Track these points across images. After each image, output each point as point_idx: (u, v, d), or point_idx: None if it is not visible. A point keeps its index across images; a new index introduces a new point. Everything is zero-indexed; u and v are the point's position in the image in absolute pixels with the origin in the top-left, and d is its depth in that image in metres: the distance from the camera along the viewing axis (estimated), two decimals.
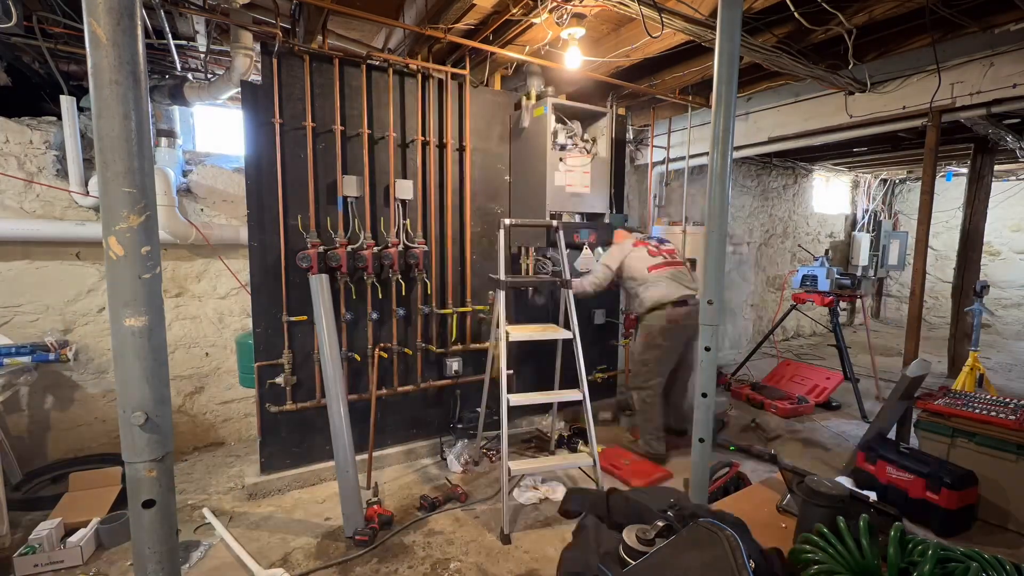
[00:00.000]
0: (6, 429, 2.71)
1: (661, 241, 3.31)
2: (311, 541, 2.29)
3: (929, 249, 3.46)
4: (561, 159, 3.09)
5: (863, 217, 7.58)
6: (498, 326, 2.57)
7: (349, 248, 2.72)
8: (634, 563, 0.89)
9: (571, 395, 2.60)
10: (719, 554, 0.81)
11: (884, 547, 0.92)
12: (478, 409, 3.31)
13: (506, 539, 2.28)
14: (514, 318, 3.36)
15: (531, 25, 2.65)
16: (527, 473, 2.72)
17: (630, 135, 4.71)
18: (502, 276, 2.56)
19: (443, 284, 3.15)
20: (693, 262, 3.87)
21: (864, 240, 7.25)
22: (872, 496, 1.31)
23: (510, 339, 2.53)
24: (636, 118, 4.81)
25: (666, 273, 3.10)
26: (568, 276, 2.74)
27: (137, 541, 0.97)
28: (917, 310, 3.21)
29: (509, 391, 2.47)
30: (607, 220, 3.41)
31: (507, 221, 2.59)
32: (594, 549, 0.95)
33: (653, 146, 4.63)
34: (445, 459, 3.06)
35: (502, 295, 2.55)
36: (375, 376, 2.85)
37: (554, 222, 2.77)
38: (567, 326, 2.70)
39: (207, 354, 3.33)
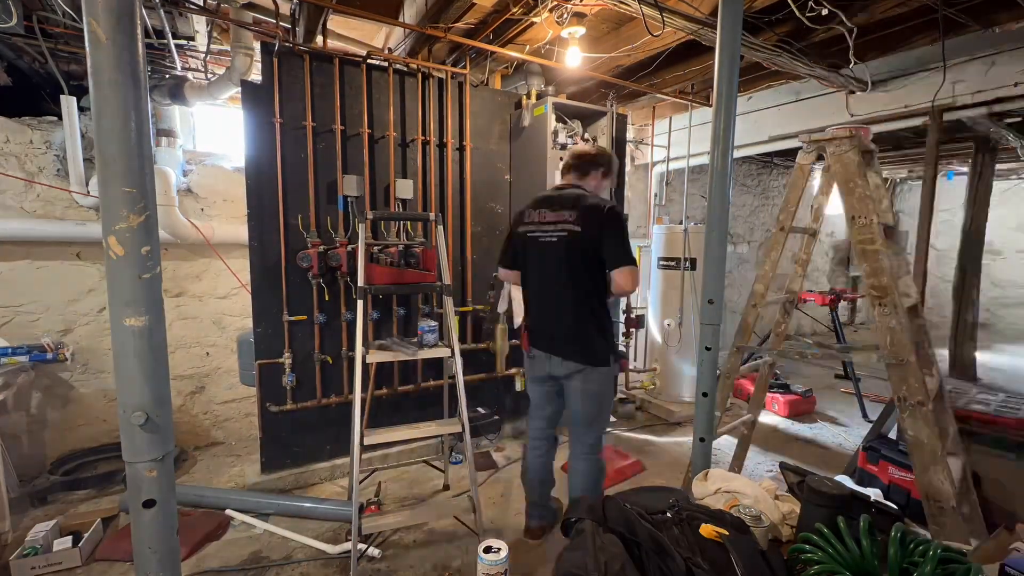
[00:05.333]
0: (3, 429, 2.71)
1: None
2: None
3: (930, 248, 3.46)
4: (561, 158, 3.09)
5: None
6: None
7: (349, 248, 2.72)
8: None
9: (447, 428, 2.22)
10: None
11: (885, 547, 0.92)
12: (479, 409, 3.32)
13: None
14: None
15: (531, 24, 2.65)
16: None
17: (630, 134, 4.71)
18: (361, 281, 2.13)
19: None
20: (693, 261, 3.86)
21: None
22: (872, 495, 1.31)
23: (367, 361, 2.10)
24: (636, 117, 4.81)
25: None
26: (448, 280, 2.28)
27: (137, 541, 0.97)
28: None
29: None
30: None
31: (370, 214, 2.22)
32: (591, 551, 0.95)
33: (653, 145, 4.63)
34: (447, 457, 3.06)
35: (360, 305, 2.09)
36: (373, 375, 2.85)
37: (431, 214, 2.33)
38: (449, 341, 2.24)
39: (207, 354, 3.34)
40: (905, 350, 1.64)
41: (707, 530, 0.98)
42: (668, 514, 1.07)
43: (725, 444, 3.42)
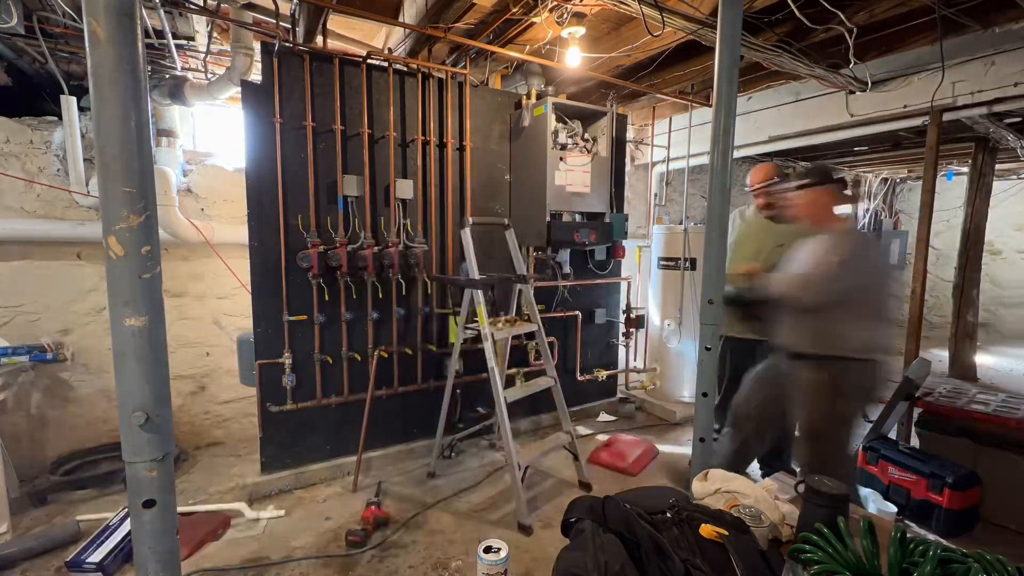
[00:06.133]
0: (3, 429, 2.71)
1: None
2: (311, 541, 2.29)
3: (930, 248, 3.46)
4: (561, 158, 3.09)
5: (864, 216, 7.56)
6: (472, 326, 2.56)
7: (349, 248, 2.72)
8: None
9: (546, 383, 2.74)
10: None
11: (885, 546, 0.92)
12: (479, 409, 3.32)
13: (527, 530, 2.33)
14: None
15: (531, 24, 2.65)
16: (531, 463, 2.68)
17: (630, 134, 4.71)
18: (475, 275, 2.52)
19: (443, 284, 3.15)
20: (693, 261, 3.86)
21: None
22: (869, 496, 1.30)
23: (496, 337, 2.52)
24: (636, 117, 4.81)
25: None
26: (524, 271, 2.76)
27: (137, 541, 0.97)
28: (918, 310, 3.20)
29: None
30: (607, 220, 3.40)
31: (470, 219, 2.58)
32: (591, 551, 0.95)
33: (653, 145, 4.63)
34: (448, 457, 3.06)
35: (480, 295, 2.50)
36: (373, 376, 2.84)
37: (505, 220, 2.77)
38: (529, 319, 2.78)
39: (207, 354, 3.33)
40: None
41: (707, 530, 0.98)
42: (668, 514, 1.07)
43: None
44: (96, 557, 2.01)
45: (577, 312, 3.67)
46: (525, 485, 2.44)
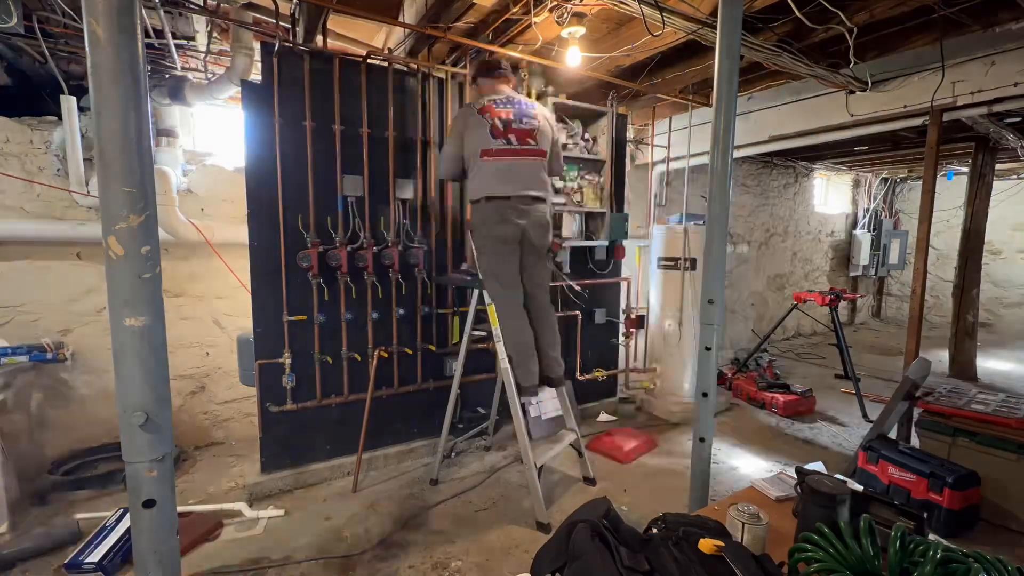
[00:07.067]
0: (3, 429, 2.71)
1: (522, 113, 2.45)
2: (311, 541, 2.29)
3: (930, 248, 3.46)
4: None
5: (864, 216, 7.57)
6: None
7: (349, 248, 2.72)
8: None
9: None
10: None
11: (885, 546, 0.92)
12: (479, 409, 3.32)
13: (546, 527, 2.34)
14: None
15: (531, 24, 2.65)
16: (547, 462, 2.64)
17: (630, 134, 4.71)
18: (482, 273, 2.54)
19: (443, 284, 3.15)
20: (693, 261, 3.86)
21: (865, 239, 7.24)
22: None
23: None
24: (636, 117, 4.80)
25: (501, 165, 2.39)
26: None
27: (137, 541, 0.97)
28: (918, 309, 3.20)
29: None
30: (607, 219, 3.40)
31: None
32: (565, 546, 0.94)
33: (653, 145, 4.63)
34: (448, 456, 3.06)
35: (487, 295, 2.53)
36: (373, 376, 2.85)
37: None
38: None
39: (207, 354, 3.33)
40: None
41: (707, 545, 0.95)
42: (655, 530, 1.04)
43: (724, 444, 3.42)
44: (95, 557, 2.01)
45: (577, 312, 3.67)
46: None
